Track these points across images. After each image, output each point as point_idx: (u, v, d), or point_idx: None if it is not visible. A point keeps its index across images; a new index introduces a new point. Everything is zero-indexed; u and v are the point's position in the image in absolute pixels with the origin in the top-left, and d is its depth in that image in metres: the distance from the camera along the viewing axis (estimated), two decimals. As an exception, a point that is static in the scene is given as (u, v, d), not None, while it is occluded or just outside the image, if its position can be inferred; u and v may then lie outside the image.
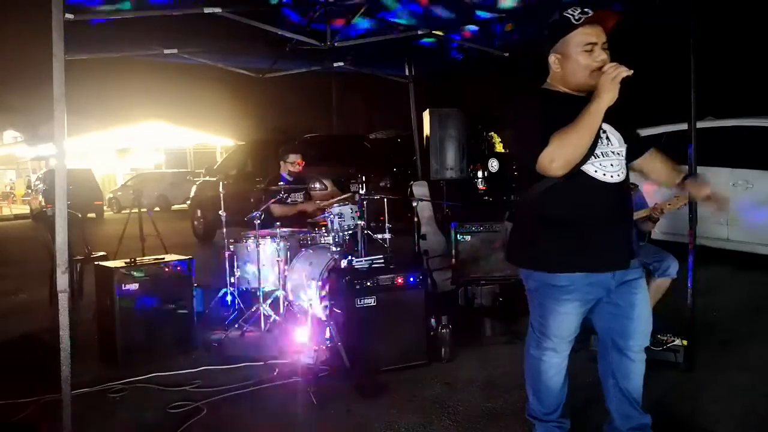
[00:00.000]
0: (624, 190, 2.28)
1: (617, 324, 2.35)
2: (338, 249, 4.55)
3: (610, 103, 2.04)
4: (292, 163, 5.62)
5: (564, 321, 2.31)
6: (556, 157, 2.06)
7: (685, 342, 3.50)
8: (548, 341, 2.36)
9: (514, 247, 2.44)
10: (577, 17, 2.14)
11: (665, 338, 3.54)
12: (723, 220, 6.23)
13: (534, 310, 2.41)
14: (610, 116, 2.15)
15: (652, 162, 2.44)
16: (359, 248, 4.55)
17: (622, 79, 2.03)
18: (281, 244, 4.84)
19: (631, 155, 2.35)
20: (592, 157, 2.16)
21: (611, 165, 2.21)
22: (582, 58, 2.16)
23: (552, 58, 2.27)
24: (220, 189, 5.35)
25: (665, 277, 4.01)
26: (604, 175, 2.19)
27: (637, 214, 3.98)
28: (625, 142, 2.29)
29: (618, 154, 2.24)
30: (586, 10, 2.14)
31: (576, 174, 2.14)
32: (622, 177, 2.24)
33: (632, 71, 2.04)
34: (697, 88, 3.40)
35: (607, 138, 2.23)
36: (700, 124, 3.66)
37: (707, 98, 4.53)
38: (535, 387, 2.48)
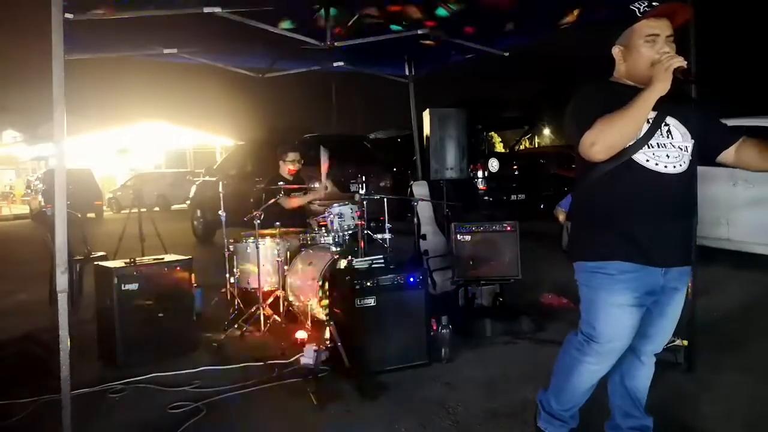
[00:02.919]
0: (683, 183, 2.17)
1: (640, 326, 2.29)
2: (338, 249, 4.55)
3: (662, 92, 1.98)
4: (292, 162, 5.63)
5: (614, 317, 2.20)
6: (598, 140, 2.00)
7: (685, 342, 3.49)
8: (596, 343, 2.25)
9: (571, 243, 2.37)
10: (642, 10, 2.11)
11: (665, 338, 3.54)
12: (723, 220, 6.24)
13: (584, 310, 2.31)
14: (677, 110, 2.14)
15: (746, 152, 2.22)
16: (359, 248, 4.55)
17: (679, 73, 1.98)
18: (281, 244, 4.84)
19: (714, 148, 2.24)
20: (645, 147, 2.10)
21: (667, 156, 2.12)
22: (644, 49, 2.12)
23: (615, 50, 2.22)
24: (220, 189, 5.35)
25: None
26: (657, 164, 2.11)
27: None
28: (693, 138, 2.19)
29: (679, 147, 2.15)
30: (654, 3, 2.10)
31: (626, 163, 2.09)
32: (680, 169, 2.13)
33: (686, 62, 1.99)
34: (698, 88, 3.39)
35: (669, 131, 2.16)
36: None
37: (707, 98, 4.53)
38: (560, 385, 2.43)
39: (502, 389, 3.36)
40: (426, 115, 5.99)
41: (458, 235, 4.82)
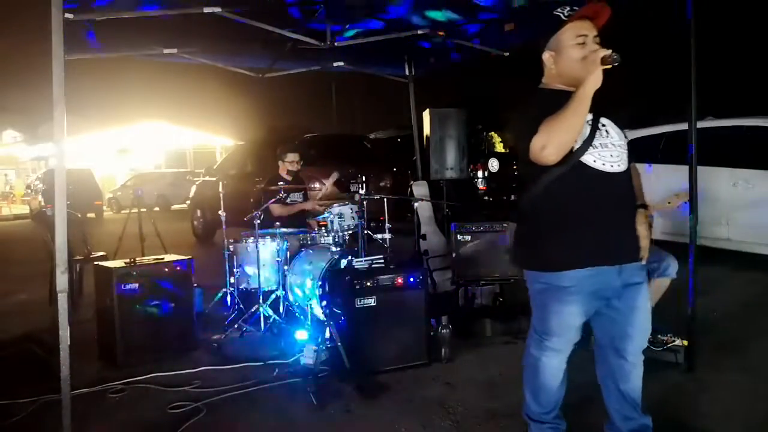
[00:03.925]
0: (626, 181, 2.27)
1: (617, 328, 2.34)
2: (338, 249, 4.55)
3: (596, 85, 2.05)
4: (291, 162, 5.62)
5: (567, 321, 2.30)
6: (548, 142, 2.05)
7: (685, 342, 3.50)
8: (550, 341, 2.36)
9: (517, 248, 2.42)
10: (566, 14, 2.20)
11: (665, 338, 3.54)
12: (723, 220, 6.24)
13: (536, 312, 2.41)
14: (610, 113, 2.25)
15: None
16: (359, 248, 4.55)
17: (607, 59, 2.04)
18: (281, 244, 4.84)
19: None
20: (591, 147, 2.17)
21: (611, 155, 2.20)
22: (575, 51, 2.20)
23: (546, 56, 2.31)
24: (220, 189, 5.35)
25: (665, 277, 4.00)
26: (604, 164, 2.18)
27: None
28: (625, 136, 2.30)
29: (618, 146, 2.24)
30: (575, 7, 2.20)
31: (576, 165, 2.15)
32: (623, 167, 2.23)
33: (610, 50, 2.06)
34: (698, 88, 3.39)
35: (607, 131, 2.24)
36: (700, 124, 3.65)
37: (707, 98, 4.54)
38: (533, 387, 2.48)
39: (502, 389, 3.35)
40: (426, 115, 5.99)
41: (458, 235, 4.82)
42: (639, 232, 2.28)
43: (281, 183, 5.46)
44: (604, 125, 2.24)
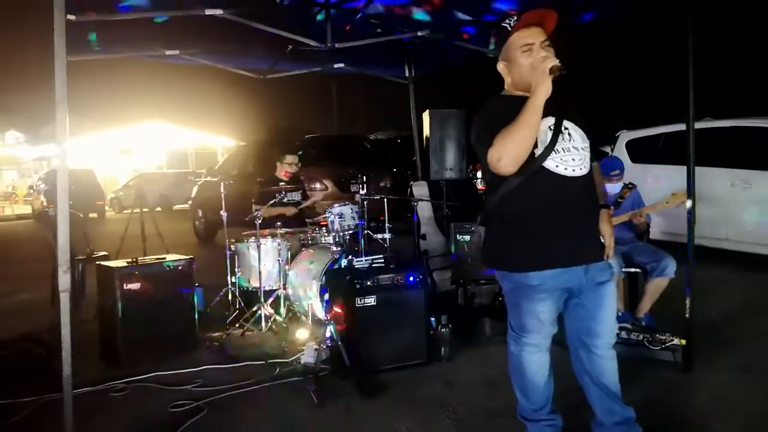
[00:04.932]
0: (588, 184, 2.32)
1: (584, 325, 2.39)
2: (339, 249, 4.57)
3: (546, 95, 2.09)
4: (289, 165, 5.64)
5: (541, 317, 2.35)
6: (503, 155, 2.10)
7: (683, 341, 3.51)
8: (527, 338, 2.41)
9: (487, 249, 2.47)
10: (512, 24, 2.27)
11: (664, 337, 3.55)
12: (721, 220, 6.25)
13: (511, 310, 2.46)
14: (571, 115, 2.30)
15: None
16: (359, 248, 4.57)
17: (556, 70, 2.08)
18: (282, 243, 4.86)
19: None
20: (553, 152, 2.21)
21: (573, 159, 2.24)
22: (523, 59, 2.25)
23: (500, 66, 2.38)
24: (222, 189, 5.37)
25: (663, 277, 4.02)
26: (566, 169, 2.22)
27: (618, 219, 4.01)
28: (588, 138, 2.34)
29: (581, 149, 2.28)
30: (523, 15, 2.26)
31: (538, 170, 2.19)
32: (585, 171, 2.27)
33: (558, 60, 2.10)
34: (696, 89, 3.41)
35: (569, 134, 2.28)
36: (698, 125, 3.67)
37: (706, 99, 4.55)
38: (521, 385, 2.51)
39: (502, 388, 3.36)
40: (426, 116, 6.01)
41: (458, 235, 4.84)
42: (603, 231, 2.39)
43: (282, 184, 5.48)
44: (566, 128, 2.27)
